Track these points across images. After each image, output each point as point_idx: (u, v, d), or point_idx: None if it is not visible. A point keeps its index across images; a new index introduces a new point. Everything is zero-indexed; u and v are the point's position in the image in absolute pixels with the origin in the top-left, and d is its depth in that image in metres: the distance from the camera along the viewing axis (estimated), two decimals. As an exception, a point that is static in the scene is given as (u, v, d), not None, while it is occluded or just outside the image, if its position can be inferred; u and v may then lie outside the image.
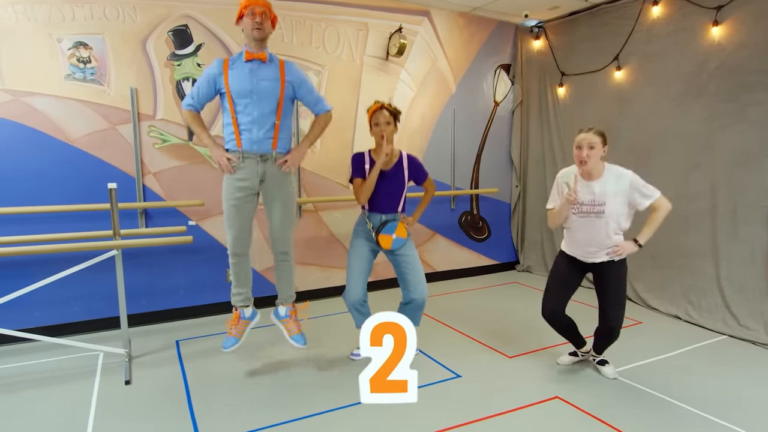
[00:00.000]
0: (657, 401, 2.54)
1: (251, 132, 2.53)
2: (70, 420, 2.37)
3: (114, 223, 2.81)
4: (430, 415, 2.41)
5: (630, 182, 2.57)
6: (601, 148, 2.56)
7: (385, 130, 2.77)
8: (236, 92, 2.51)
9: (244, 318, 2.77)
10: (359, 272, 2.86)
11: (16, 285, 2.96)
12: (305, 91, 2.67)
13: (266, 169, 2.59)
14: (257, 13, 2.48)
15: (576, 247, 2.72)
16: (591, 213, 2.62)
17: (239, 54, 2.57)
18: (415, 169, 2.93)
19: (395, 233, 2.84)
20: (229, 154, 2.56)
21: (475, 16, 4.85)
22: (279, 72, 2.57)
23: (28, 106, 3.26)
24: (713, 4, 3.57)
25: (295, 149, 2.67)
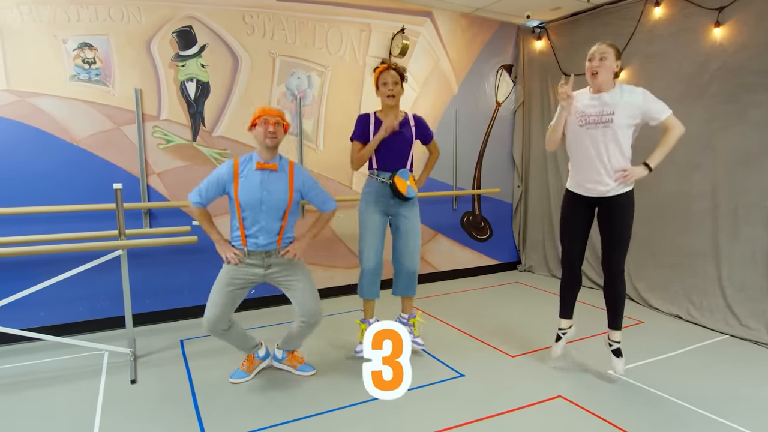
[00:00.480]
0: (659, 400, 2.56)
1: (258, 238, 2.56)
2: (76, 419, 2.39)
3: (120, 223, 2.83)
4: (434, 413, 2.43)
5: (642, 94, 2.51)
6: (613, 60, 2.52)
7: (393, 89, 2.81)
8: (245, 203, 2.53)
9: (258, 358, 2.86)
10: (375, 237, 2.91)
11: (22, 285, 2.98)
12: (314, 194, 2.70)
13: (272, 262, 2.63)
14: (271, 123, 2.49)
15: (581, 176, 2.67)
16: (599, 123, 2.55)
17: (249, 157, 2.58)
18: (422, 128, 3.00)
19: (408, 181, 2.87)
20: (235, 249, 2.60)
21: (478, 17, 4.87)
22: (288, 181, 2.59)
23: (33, 106, 3.28)
24: (715, 5, 3.58)
25: (297, 243, 2.68)
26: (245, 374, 2.79)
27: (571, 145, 2.74)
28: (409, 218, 2.96)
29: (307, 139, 4.18)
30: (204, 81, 3.74)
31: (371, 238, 2.92)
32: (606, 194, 2.61)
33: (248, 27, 3.86)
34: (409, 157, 2.96)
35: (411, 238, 2.96)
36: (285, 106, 4.08)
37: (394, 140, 2.89)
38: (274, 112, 2.53)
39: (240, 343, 2.76)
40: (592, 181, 2.62)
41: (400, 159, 2.92)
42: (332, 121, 4.27)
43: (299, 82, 4.11)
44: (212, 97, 3.79)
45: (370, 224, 2.93)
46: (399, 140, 2.90)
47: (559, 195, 4.95)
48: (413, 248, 2.97)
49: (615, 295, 2.71)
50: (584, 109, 2.63)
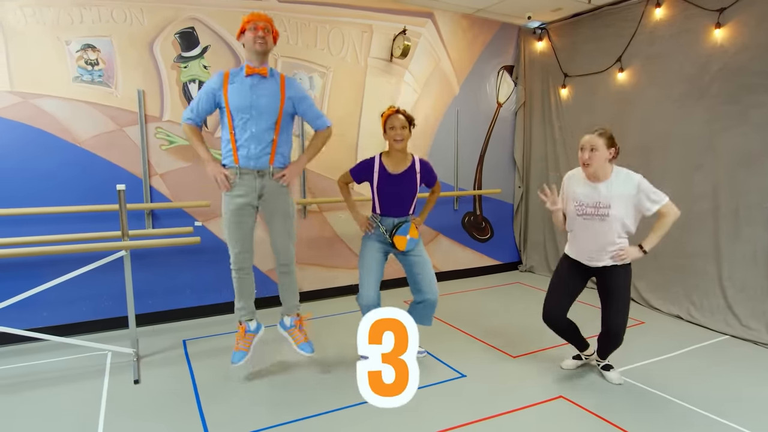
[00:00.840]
0: (660, 400, 2.57)
1: (248, 148, 2.53)
2: (81, 419, 2.40)
3: (123, 224, 2.85)
4: (436, 414, 2.44)
5: (638, 186, 2.52)
6: (605, 150, 2.52)
7: (401, 134, 2.79)
8: (235, 107, 2.51)
9: (249, 331, 2.81)
10: (373, 274, 2.88)
11: (25, 285, 3.00)
12: (305, 106, 2.67)
13: (264, 184, 2.59)
14: (260, 27, 2.48)
15: (579, 250, 2.70)
16: (595, 216, 2.58)
17: (240, 68, 2.57)
18: (427, 173, 2.97)
19: (409, 233, 2.87)
20: (225, 170, 2.56)
21: (479, 18, 4.88)
22: (279, 87, 2.58)
23: (36, 107, 3.29)
24: (716, 7, 3.59)
25: (293, 164, 2.68)
26: (245, 353, 2.74)
27: (569, 224, 2.76)
28: (416, 256, 2.92)
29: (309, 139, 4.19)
30: (206, 82, 3.76)
31: (369, 272, 2.89)
32: (603, 265, 2.64)
33: (250, 28, 3.87)
34: (412, 204, 2.94)
35: (424, 268, 2.91)
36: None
37: (399, 190, 2.88)
38: (264, 17, 2.51)
39: (244, 296, 2.75)
40: (590, 258, 2.66)
41: (403, 207, 2.90)
42: (334, 122, 4.22)
43: (301, 83, 4.12)
44: (214, 98, 3.80)
45: (369, 259, 2.90)
46: (403, 190, 2.89)
47: (560, 195, 4.96)
48: (430, 278, 2.91)
49: (612, 344, 2.71)
50: (581, 198, 2.63)
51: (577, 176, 2.70)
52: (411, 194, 2.91)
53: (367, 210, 3.09)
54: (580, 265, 2.72)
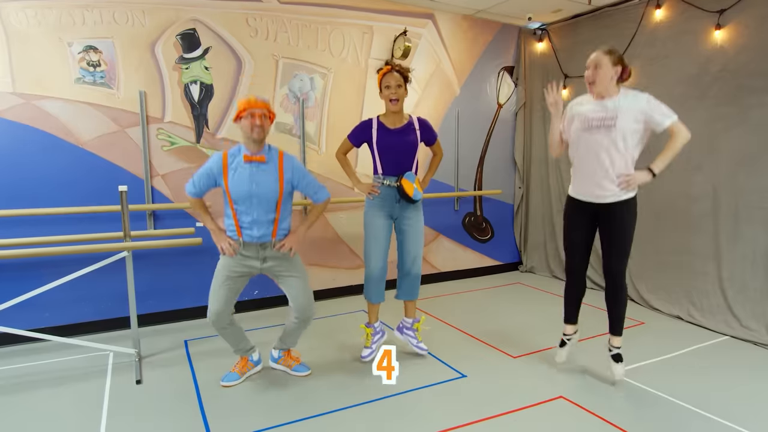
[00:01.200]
0: (660, 401, 2.58)
1: (252, 230, 2.58)
2: (83, 419, 2.42)
3: (125, 225, 2.86)
4: (436, 414, 2.45)
5: (647, 100, 2.46)
6: (609, 67, 2.46)
7: (396, 93, 2.80)
8: (236, 195, 2.54)
9: (251, 361, 2.89)
10: (380, 243, 2.92)
11: (27, 286, 3.02)
12: (305, 184, 2.69)
13: (267, 255, 2.65)
14: (256, 115, 2.48)
15: (583, 178, 2.62)
16: (602, 126, 2.50)
17: (238, 149, 2.58)
18: (426, 130, 2.98)
19: (415, 183, 2.88)
20: (230, 239, 2.62)
21: (479, 19, 4.89)
22: (278, 172, 2.58)
23: (38, 109, 3.31)
24: (716, 8, 3.60)
25: (293, 235, 2.70)
26: (237, 377, 2.80)
27: (573, 150, 2.72)
28: (412, 221, 2.96)
29: (310, 141, 4.21)
30: (207, 83, 3.77)
31: (376, 242, 2.93)
32: (607, 200, 2.57)
33: (251, 29, 3.88)
34: (413, 161, 2.95)
35: (413, 241, 2.97)
36: (288, 108, 4.10)
37: (399, 145, 2.89)
38: (260, 104, 2.50)
39: (238, 342, 2.79)
40: (594, 186, 2.58)
41: (404, 164, 2.91)
42: (335, 123, 4.30)
43: (302, 84, 4.13)
44: (216, 99, 3.81)
45: (374, 229, 2.93)
46: (403, 144, 2.90)
47: (560, 196, 4.98)
48: (415, 252, 2.98)
49: (616, 300, 2.69)
50: (587, 113, 2.59)
51: (583, 99, 2.66)
52: (412, 149, 2.91)
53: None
54: (586, 206, 2.65)
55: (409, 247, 2.98)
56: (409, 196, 2.85)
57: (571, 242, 2.79)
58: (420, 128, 2.96)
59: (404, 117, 2.95)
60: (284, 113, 4.09)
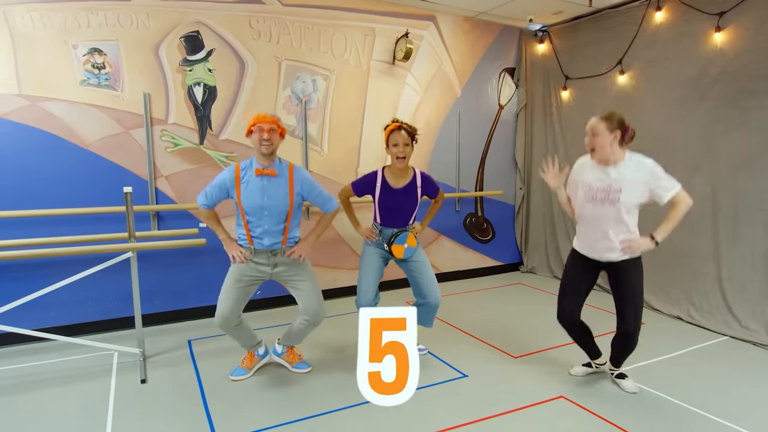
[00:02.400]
0: (659, 401, 2.60)
1: (263, 240, 2.64)
2: (89, 418, 2.45)
3: (129, 226, 2.89)
4: (437, 413, 2.48)
5: (651, 171, 2.42)
6: (607, 134, 2.42)
7: (403, 151, 2.81)
8: (248, 208, 2.59)
9: (258, 355, 2.93)
10: (371, 279, 2.94)
11: (33, 286, 3.05)
12: (314, 195, 2.74)
13: (277, 261, 2.70)
14: (265, 129, 2.53)
15: (588, 241, 2.61)
16: (606, 200, 2.48)
17: (250, 163, 2.63)
18: (428, 187, 3.01)
19: (406, 243, 2.92)
20: (242, 248, 2.68)
21: (480, 21, 4.91)
22: (288, 185, 2.64)
23: (44, 111, 3.34)
24: (715, 11, 3.63)
25: (302, 242, 2.75)
26: (245, 371, 2.86)
27: (578, 212, 2.69)
28: (415, 262, 2.97)
29: (312, 142, 4.24)
30: (211, 85, 3.80)
31: (368, 277, 2.94)
32: (614, 259, 2.55)
33: (254, 32, 3.91)
34: (412, 216, 2.99)
35: (426, 274, 2.96)
36: (290, 109, 4.13)
37: (400, 205, 2.92)
38: (269, 119, 2.56)
39: (246, 340, 2.84)
40: (600, 250, 2.57)
41: (403, 219, 2.95)
42: (337, 124, 4.33)
43: (304, 86, 4.16)
44: (219, 101, 3.84)
45: (368, 264, 2.96)
46: (404, 205, 2.93)
47: (561, 197, 5.00)
48: (431, 281, 2.97)
49: (625, 350, 2.66)
50: (591, 182, 2.55)
51: (587, 163, 2.62)
52: (411, 207, 2.96)
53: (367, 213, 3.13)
54: (590, 260, 2.64)
55: (425, 280, 2.96)
56: (398, 258, 2.94)
57: (571, 290, 2.70)
58: (422, 186, 2.97)
59: (408, 173, 2.95)
60: (287, 115, 4.12)
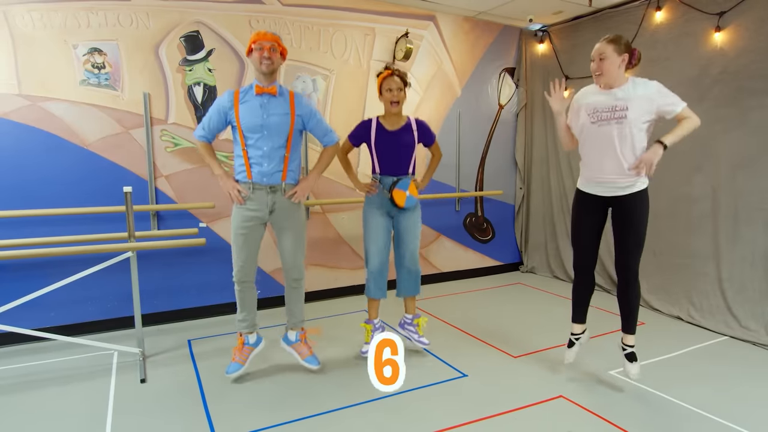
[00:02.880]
0: (659, 401, 2.60)
1: (261, 165, 2.59)
2: (88, 417, 2.45)
3: (129, 225, 2.89)
4: (437, 413, 2.48)
5: (657, 88, 2.39)
6: (615, 56, 2.40)
7: (398, 96, 2.86)
8: (247, 127, 2.55)
9: (248, 344, 2.85)
10: (379, 240, 2.97)
11: (33, 286, 3.05)
12: (315, 122, 2.72)
13: (276, 200, 2.65)
14: (266, 47, 2.50)
15: (593, 172, 2.54)
16: (612, 119, 2.43)
17: (250, 86, 2.61)
18: (424, 131, 3.04)
19: (408, 190, 2.93)
20: (239, 185, 2.63)
21: (480, 21, 4.91)
22: (289, 106, 2.61)
23: (44, 110, 3.34)
24: (716, 10, 3.62)
25: (304, 180, 2.73)
26: (240, 365, 2.79)
27: (582, 143, 2.64)
28: (409, 220, 3.02)
29: (312, 142, 4.24)
30: (211, 85, 3.80)
31: (375, 239, 2.99)
32: (619, 193, 2.50)
33: (254, 31, 3.91)
34: (411, 162, 3.01)
35: (410, 238, 3.03)
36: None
37: (396, 145, 2.94)
38: (269, 36, 2.51)
39: (248, 308, 2.78)
40: (605, 178, 2.51)
41: (401, 164, 2.97)
42: (337, 124, 4.31)
43: (304, 86, 4.16)
44: (219, 100, 3.84)
45: (373, 226, 3.00)
46: (401, 145, 2.96)
47: (561, 196, 5.00)
48: (413, 248, 3.05)
49: (630, 298, 2.63)
50: (596, 104, 2.51)
51: (590, 89, 2.58)
52: (409, 150, 2.96)
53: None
54: (595, 200, 2.58)
55: (407, 245, 3.04)
56: (400, 206, 2.93)
57: (580, 237, 2.70)
58: (418, 129, 3.02)
59: (402, 118, 3.02)
60: (287, 114, 4.12)
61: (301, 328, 2.94)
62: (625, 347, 2.73)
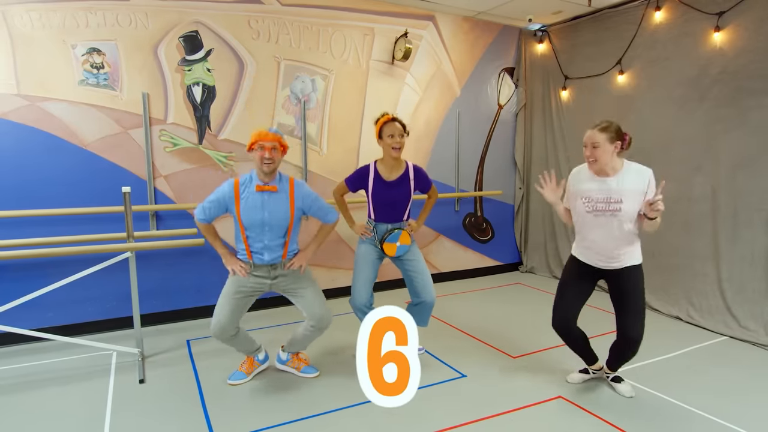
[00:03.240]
0: (658, 401, 2.60)
1: (262, 255, 2.63)
2: (87, 417, 2.45)
3: (128, 226, 2.89)
4: (436, 413, 2.48)
5: (650, 179, 2.39)
6: (608, 145, 2.39)
7: (399, 142, 2.82)
8: (247, 223, 2.58)
9: (257, 360, 2.91)
10: (365, 277, 2.94)
11: (32, 286, 3.05)
12: (315, 209, 2.73)
13: (278, 273, 2.69)
14: (267, 148, 2.51)
15: (589, 251, 2.56)
16: (606, 211, 2.43)
17: (250, 179, 2.61)
18: (421, 179, 3.00)
19: (399, 241, 2.92)
20: (241, 262, 2.66)
21: (480, 21, 4.91)
22: (289, 200, 2.63)
23: (43, 111, 3.34)
24: (715, 10, 3.62)
25: (302, 253, 2.75)
26: (244, 376, 2.84)
27: (577, 222, 2.62)
28: (410, 261, 2.97)
29: (311, 142, 4.24)
30: (210, 85, 3.80)
31: (362, 277, 2.94)
32: (615, 266, 2.51)
33: (253, 32, 3.91)
34: (406, 211, 2.98)
35: (421, 272, 2.96)
36: (289, 109, 4.13)
37: (393, 196, 2.91)
38: (270, 137, 2.52)
39: (244, 346, 2.81)
40: (602, 257, 2.52)
41: (397, 213, 2.94)
42: (336, 124, 4.33)
43: (303, 86, 4.16)
44: (218, 100, 3.84)
45: (362, 261, 2.96)
46: (397, 196, 2.92)
47: (560, 197, 4.99)
48: (427, 281, 2.96)
49: (628, 351, 2.57)
50: (590, 193, 2.49)
51: (584, 172, 2.55)
52: (405, 200, 2.95)
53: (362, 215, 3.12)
54: (589, 267, 2.59)
55: (421, 280, 2.95)
56: (391, 257, 2.94)
57: (568, 297, 2.65)
58: (414, 179, 2.97)
59: (401, 165, 2.95)
60: (286, 115, 4.12)
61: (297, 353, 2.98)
62: (608, 374, 2.75)
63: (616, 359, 2.66)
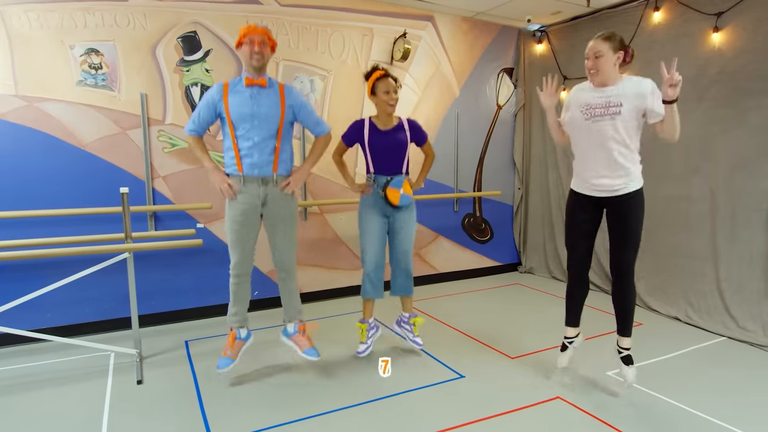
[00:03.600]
0: (656, 402, 2.60)
1: (252, 157, 2.57)
2: (84, 419, 2.44)
3: (126, 226, 2.88)
4: (434, 414, 2.47)
5: (651, 87, 2.34)
6: (611, 54, 2.37)
7: (394, 98, 2.87)
8: (237, 117, 2.54)
9: (239, 339, 2.82)
10: (375, 239, 2.97)
11: (30, 287, 3.04)
12: (305, 113, 2.71)
13: (268, 192, 2.64)
14: (256, 42, 2.50)
15: (587, 169, 2.51)
16: (605, 114, 2.39)
17: (239, 78, 2.60)
18: (416, 131, 3.04)
19: (402, 189, 2.93)
20: (230, 179, 2.61)
21: (479, 21, 4.91)
22: (279, 97, 2.61)
23: (41, 111, 3.33)
24: (713, 11, 3.62)
25: (297, 171, 2.72)
26: (231, 360, 2.74)
27: (575, 141, 2.61)
28: (403, 219, 3.02)
29: (310, 143, 4.23)
30: (208, 85, 3.80)
31: (371, 241, 2.99)
32: (614, 194, 2.48)
33: (252, 32, 3.90)
34: (404, 160, 3.01)
35: (404, 237, 3.03)
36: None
37: (389, 144, 2.94)
38: (260, 30, 2.51)
39: (240, 304, 2.77)
40: (599, 177, 2.48)
41: (395, 162, 2.97)
42: (334, 124, 4.28)
43: (302, 86, 4.16)
44: (216, 101, 3.83)
45: (369, 226, 3.00)
46: (394, 144, 2.96)
47: (559, 197, 5.00)
48: (406, 247, 3.05)
49: (624, 299, 2.59)
50: (589, 101, 2.48)
51: (584, 87, 2.54)
52: (402, 149, 2.96)
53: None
54: (589, 200, 2.56)
55: (401, 244, 3.04)
56: (394, 205, 2.93)
57: (574, 238, 2.70)
58: (410, 129, 3.02)
59: (395, 118, 3.02)
60: (284, 115, 4.11)
61: (299, 320, 2.92)
62: (621, 350, 2.70)
63: (622, 316, 2.61)
